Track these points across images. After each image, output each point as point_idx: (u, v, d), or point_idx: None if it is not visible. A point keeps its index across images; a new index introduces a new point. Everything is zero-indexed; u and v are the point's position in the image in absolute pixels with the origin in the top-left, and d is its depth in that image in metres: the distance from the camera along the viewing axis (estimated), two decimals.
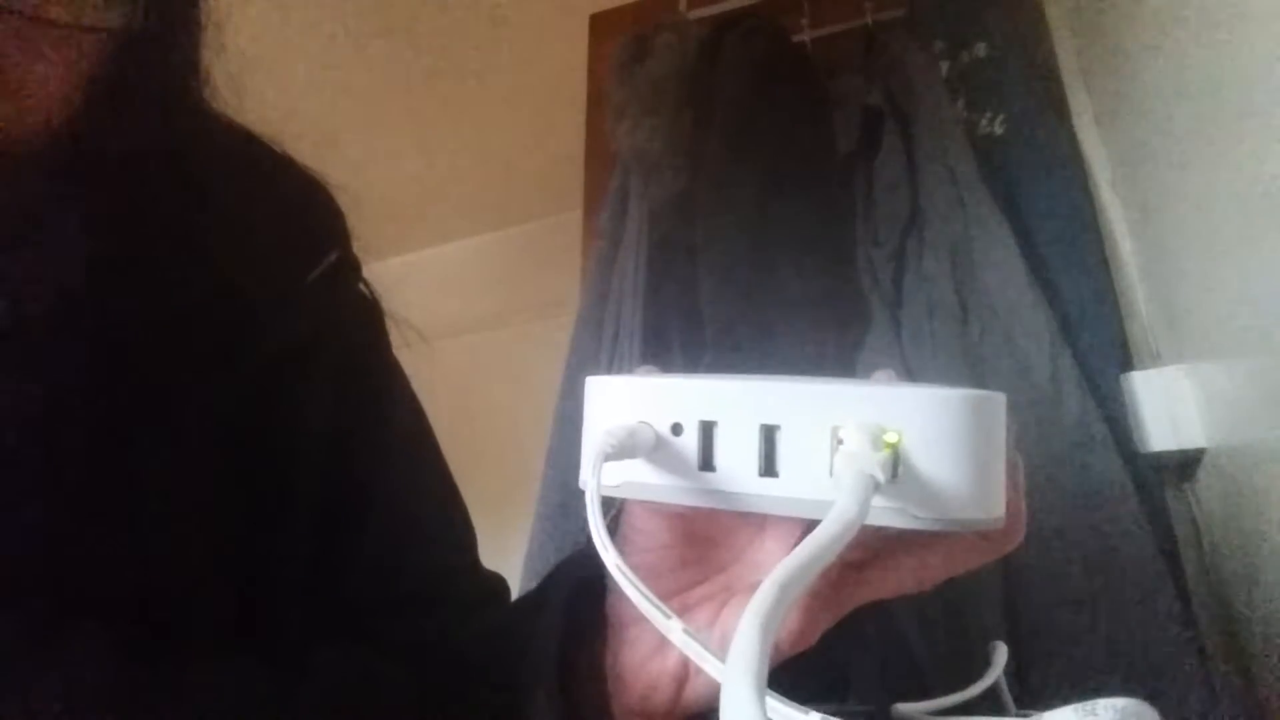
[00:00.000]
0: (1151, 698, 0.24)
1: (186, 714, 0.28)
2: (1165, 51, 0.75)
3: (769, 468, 0.24)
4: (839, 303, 0.92)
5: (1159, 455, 0.77)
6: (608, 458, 0.25)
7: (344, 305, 0.43)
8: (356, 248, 0.44)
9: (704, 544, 0.32)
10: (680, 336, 0.96)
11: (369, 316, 0.45)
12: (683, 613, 0.30)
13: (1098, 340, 0.82)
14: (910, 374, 0.86)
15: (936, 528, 0.23)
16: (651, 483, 0.26)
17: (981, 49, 1.00)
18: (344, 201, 0.44)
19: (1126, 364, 0.82)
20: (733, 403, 0.24)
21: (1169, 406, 0.77)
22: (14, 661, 0.26)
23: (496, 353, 1.98)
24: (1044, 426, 0.76)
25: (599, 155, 1.23)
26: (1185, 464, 0.77)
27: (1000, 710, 0.28)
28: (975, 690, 0.29)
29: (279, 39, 1.45)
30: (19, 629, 0.27)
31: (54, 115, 0.27)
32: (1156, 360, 0.82)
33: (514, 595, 0.48)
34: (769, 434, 0.24)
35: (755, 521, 0.32)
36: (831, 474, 0.23)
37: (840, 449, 0.23)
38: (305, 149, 0.43)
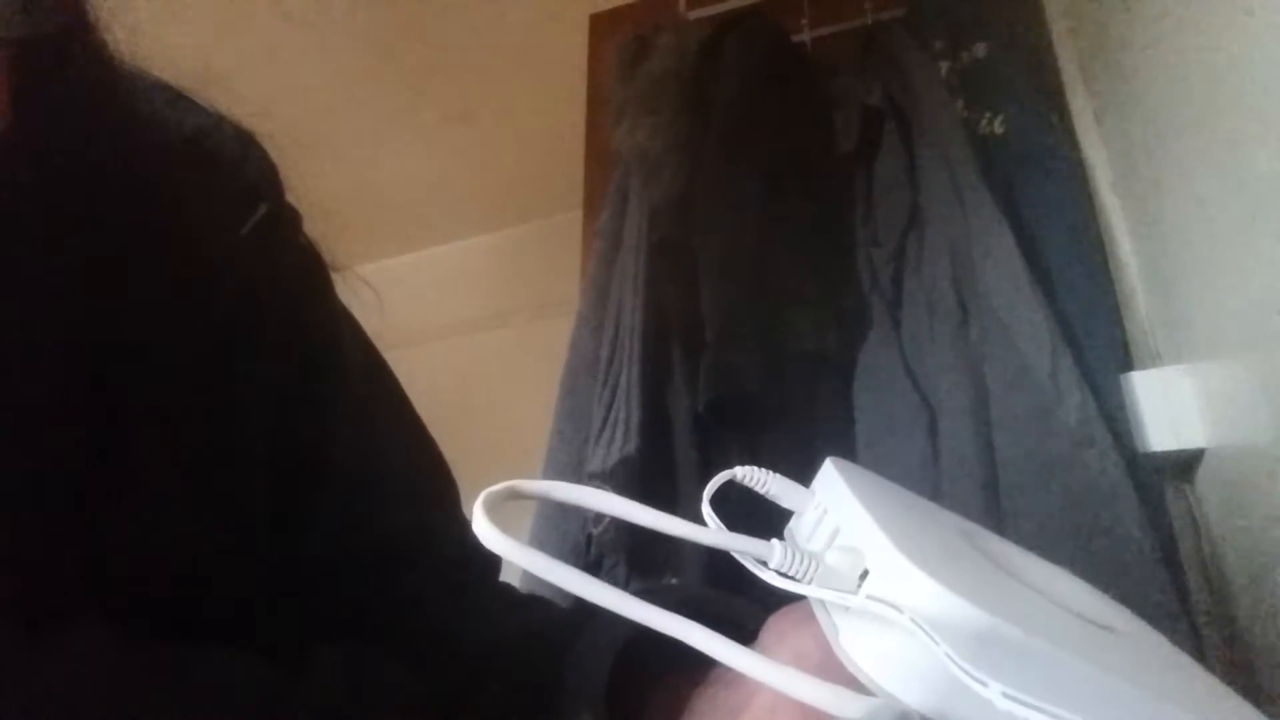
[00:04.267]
0: None
1: (188, 712, 0.28)
2: (1164, 51, 0.75)
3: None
4: (838, 303, 0.92)
5: (1159, 455, 0.76)
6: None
7: (280, 258, 0.41)
8: (309, 217, 0.42)
9: None
10: (680, 336, 0.96)
11: (309, 267, 0.43)
12: None
13: (1098, 340, 0.82)
14: (910, 374, 0.86)
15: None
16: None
17: (981, 49, 1.00)
18: (273, 151, 0.41)
19: (1126, 364, 0.81)
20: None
21: (1169, 406, 0.77)
22: (14, 660, 0.27)
23: (496, 353, 1.97)
24: (1044, 426, 0.76)
25: (599, 155, 1.23)
26: (1185, 464, 0.77)
27: None
28: None
29: (279, 39, 1.45)
30: (19, 627, 0.27)
31: None
32: (1156, 360, 0.82)
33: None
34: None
35: None
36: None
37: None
38: (305, 149, 0.43)
